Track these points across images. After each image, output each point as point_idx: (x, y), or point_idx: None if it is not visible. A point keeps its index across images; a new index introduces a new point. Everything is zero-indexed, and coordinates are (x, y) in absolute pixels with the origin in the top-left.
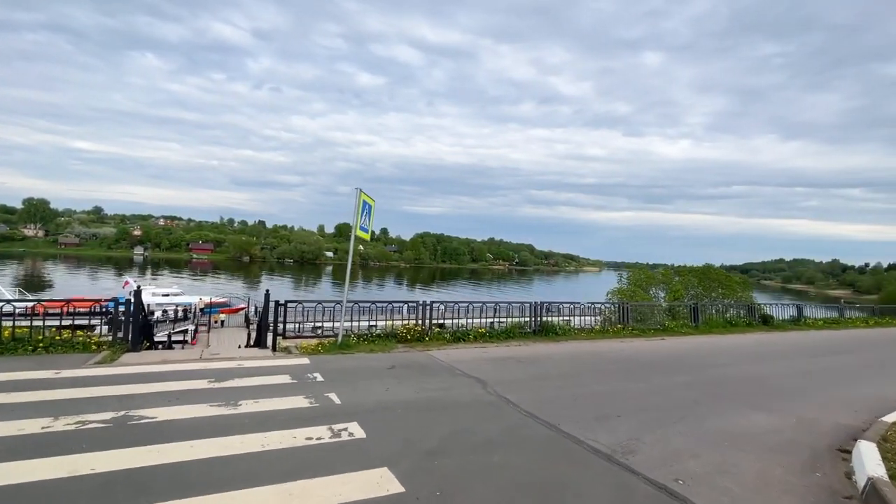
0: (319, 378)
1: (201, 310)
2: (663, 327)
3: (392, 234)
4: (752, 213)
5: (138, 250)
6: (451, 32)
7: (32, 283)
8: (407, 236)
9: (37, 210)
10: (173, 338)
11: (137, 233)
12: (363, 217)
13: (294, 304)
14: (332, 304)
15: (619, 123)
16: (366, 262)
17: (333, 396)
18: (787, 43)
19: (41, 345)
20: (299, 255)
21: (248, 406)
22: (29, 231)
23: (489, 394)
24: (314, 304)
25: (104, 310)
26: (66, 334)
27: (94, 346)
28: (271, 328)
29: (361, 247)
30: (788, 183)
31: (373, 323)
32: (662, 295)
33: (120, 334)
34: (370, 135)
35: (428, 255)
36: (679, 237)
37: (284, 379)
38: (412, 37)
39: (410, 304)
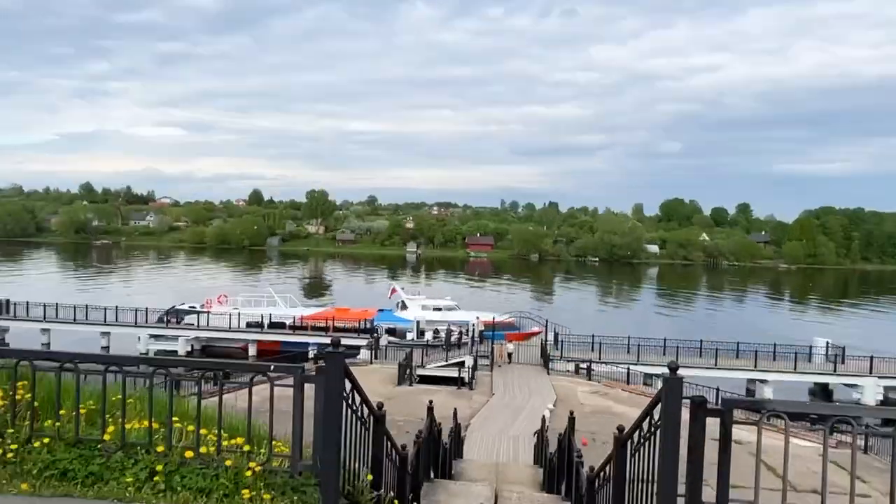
0: None
1: (481, 332)
2: None
3: (758, 213)
4: None
5: (411, 247)
6: None
7: (314, 287)
8: (786, 216)
9: (318, 203)
10: (444, 373)
11: (410, 225)
12: None
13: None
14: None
15: None
16: (712, 260)
17: None
18: None
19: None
20: (607, 250)
21: None
22: (312, 227)
23: None
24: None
25: (364, 327)
26: (239, 441)
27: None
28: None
29: (704, 235)
30: None
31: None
32: None
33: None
34: (714, 52)
35: (833, 249)
36: None
37: None
38: None
39: None
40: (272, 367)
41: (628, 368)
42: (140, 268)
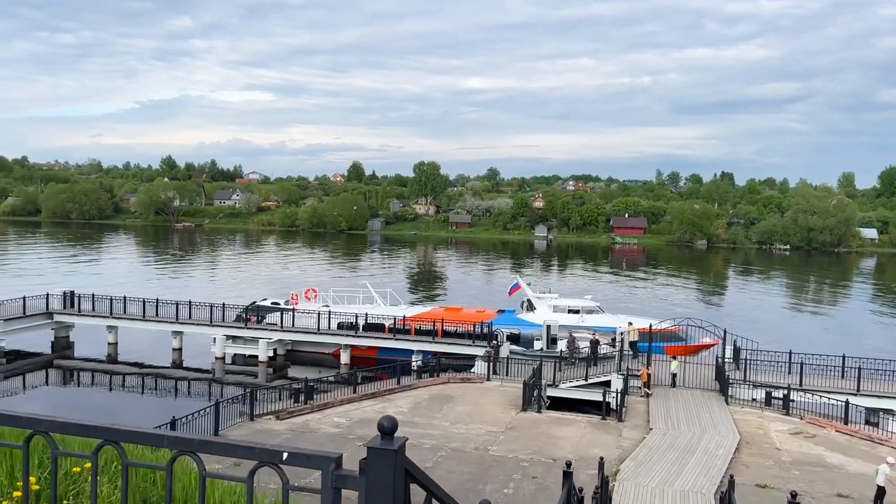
0: None
1: (632, 344)
2: None
3: None
4: None
5: (540, 231)
6: None
7: (420, 280)
8: None
9: (427, 178)
10: (584, 395)
11: (538, 203)
12: None
13: None
14: None
15: None
16: None
17: None
18: None
19: None
20: (803, 235)
21: None
22: (420, 207)
23: None
24: None
25: (480, 332)
26: None
27: None
28: None
29: None
30: None
31: None
32: None
33: None
34: None
35: None
36: None
37: None
38: None
39: None
40: (284, 457)
41: (846, 401)
42: (223, 255)
